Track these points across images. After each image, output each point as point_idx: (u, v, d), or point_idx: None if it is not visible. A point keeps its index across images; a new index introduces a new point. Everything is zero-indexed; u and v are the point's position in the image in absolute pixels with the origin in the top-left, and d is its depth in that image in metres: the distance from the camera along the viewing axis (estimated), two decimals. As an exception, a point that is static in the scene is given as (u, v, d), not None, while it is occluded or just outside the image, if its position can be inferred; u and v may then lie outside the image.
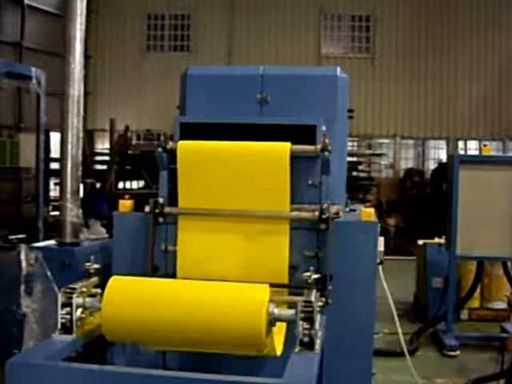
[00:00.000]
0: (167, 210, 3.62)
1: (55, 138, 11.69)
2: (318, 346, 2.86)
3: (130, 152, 15.58)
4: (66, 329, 3.04)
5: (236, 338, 2.93)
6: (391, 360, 6.45)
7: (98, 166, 16.55)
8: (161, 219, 3.63)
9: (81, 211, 5.16)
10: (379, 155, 18.15)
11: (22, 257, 4.46)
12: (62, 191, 5.06)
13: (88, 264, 3.32)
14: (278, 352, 3.17)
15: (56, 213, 8.26)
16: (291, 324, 2.94)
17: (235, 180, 3.55)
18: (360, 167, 17.63)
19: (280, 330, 3.22)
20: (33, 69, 7.80)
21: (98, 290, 3.22)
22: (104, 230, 5.26)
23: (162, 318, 3.01)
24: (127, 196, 3.92)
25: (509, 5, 18.53)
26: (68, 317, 3.04)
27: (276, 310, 2.96)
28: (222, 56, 18.98)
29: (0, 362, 2.88)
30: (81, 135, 5.14)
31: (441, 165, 17.41)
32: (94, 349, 3.22)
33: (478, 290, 8.27)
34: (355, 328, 3.63)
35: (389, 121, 19.03)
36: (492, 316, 8.59)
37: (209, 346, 3.08)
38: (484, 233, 7.24)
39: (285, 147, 3.47)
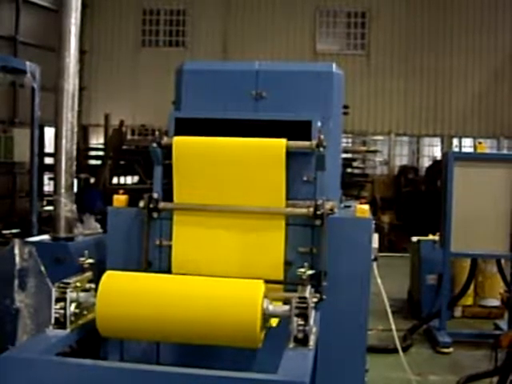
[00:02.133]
0: (162, 205, 3.61)
1: (49, 132, 11.66)
2: (312, 342, 2.86)
3: (124, 147, 15.56)
4: (60, 323, 3.04)
5: (230, 333, 2.93)
6: (385, 356, 6.48)
7: (93, 161, 16.53)
8: (155, 214, 3.62)
9: (75, 206, 5.14)
10: (374, 152, 18.13)
11: (16, 251, 4.43)
12: (56, 186, 5.03)
13: (82, 259, 3.32)
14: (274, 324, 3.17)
15: (50, 207, 8.23)
16: (285, 320, 2.94)
17: (230, 176, 3.54)
18: (354, 164, 17.63)
19: None
20: (27, 63, 7.76)
21: (92, 285, 3.21)
22: (98, 225, 5.23)
23: (156, 314, 3.00)
24: (121, 191, 3.90)
25: (504, 4, 18.58)
26: (62, 312, 3.04)
27: (270, 306, 2.97)
28: (218, 51, 18.93)
29: (-7, 356, 2.86)
30: (75, 130, 5.11)
31: (435, 162, 17.44)
32: (87, 344, 3.21)
33: (472, 288, 8.30)
34: (349, 324, 3.62)
35: (384, 118, 19.04)
36: (485, 313, 8.63)
37: (203, 341, 3.08)
38: (478, 230, 7.26)
39: (280, 143, 3.46)
